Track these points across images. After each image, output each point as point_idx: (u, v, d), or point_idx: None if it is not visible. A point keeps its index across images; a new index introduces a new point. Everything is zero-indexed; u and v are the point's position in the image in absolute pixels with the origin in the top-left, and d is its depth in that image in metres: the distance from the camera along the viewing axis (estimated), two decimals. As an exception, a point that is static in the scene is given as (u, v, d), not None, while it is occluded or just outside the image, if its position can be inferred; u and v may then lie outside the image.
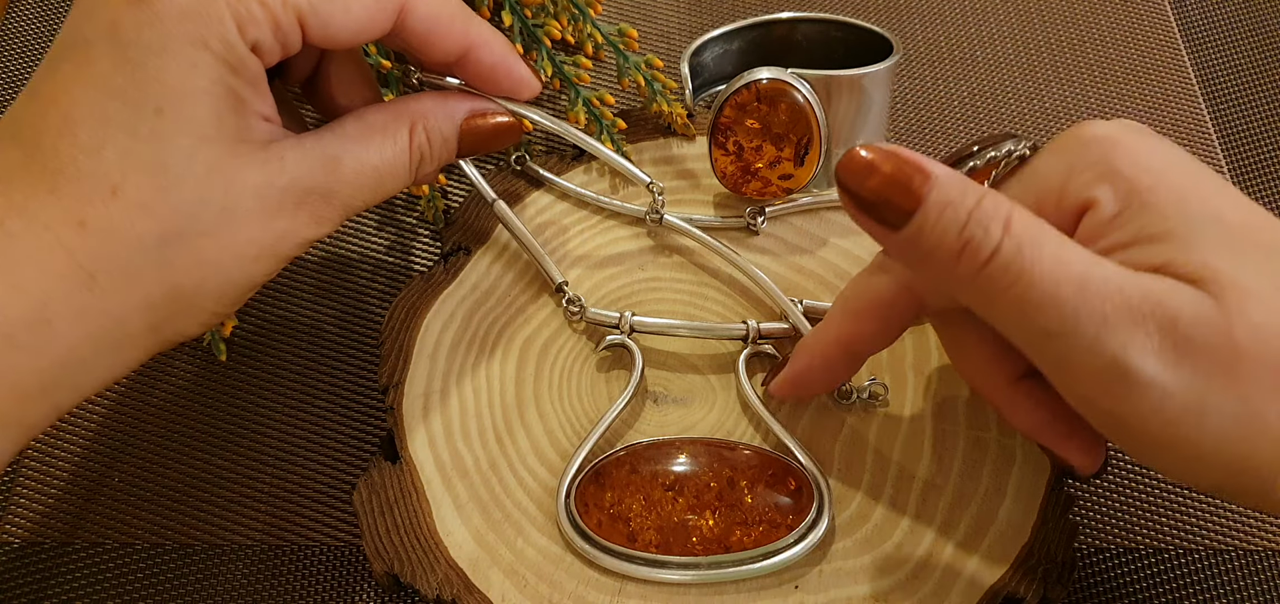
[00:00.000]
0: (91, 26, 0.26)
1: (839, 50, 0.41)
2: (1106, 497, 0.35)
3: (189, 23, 0.26)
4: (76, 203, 0.25)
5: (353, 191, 0.29)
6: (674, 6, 0.48)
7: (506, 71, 0.32)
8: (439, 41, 0.30)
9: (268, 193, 0.27)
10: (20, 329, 0.24)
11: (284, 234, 0.28)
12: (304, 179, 0.28)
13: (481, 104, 0.32)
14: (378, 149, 0.30)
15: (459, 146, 0.32)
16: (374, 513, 0.32)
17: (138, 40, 0.26)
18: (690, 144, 0.40)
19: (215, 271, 0.27)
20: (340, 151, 0.29)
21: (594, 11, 0.42)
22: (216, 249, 0.27)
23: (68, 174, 0.25)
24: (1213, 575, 0.34)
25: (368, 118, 0.30)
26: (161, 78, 0.26)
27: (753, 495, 0.31)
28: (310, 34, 0.28)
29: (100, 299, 0.25)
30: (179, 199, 0.26)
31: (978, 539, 0.32)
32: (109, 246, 0.25)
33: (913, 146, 0.43)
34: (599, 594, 0.31)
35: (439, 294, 0.36)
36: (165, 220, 0.26)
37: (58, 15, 0.47)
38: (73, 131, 0.25)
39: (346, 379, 0.37)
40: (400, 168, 0.30)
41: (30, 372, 0.25)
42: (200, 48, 0.26)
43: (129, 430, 0.36)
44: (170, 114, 0.26)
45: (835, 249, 0.38)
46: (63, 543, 0.34)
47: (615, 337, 0.35)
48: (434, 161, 0.32)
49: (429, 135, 0.31)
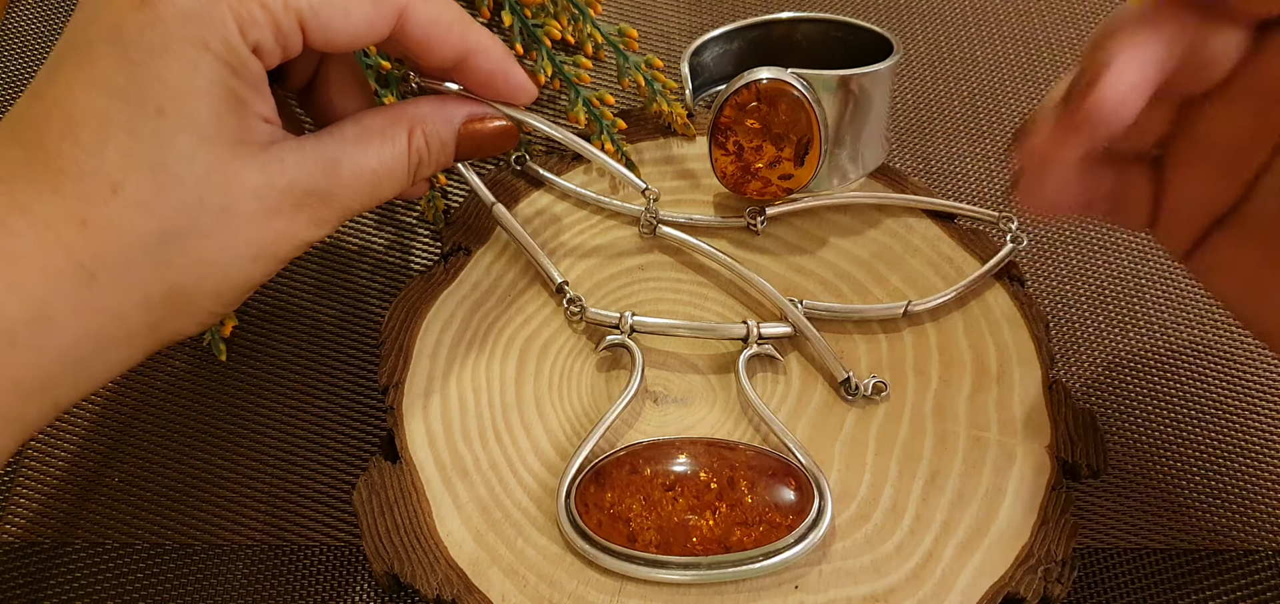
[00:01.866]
0: (95, 29, 0.26)
1: (839, 50, 0.41)
2: (1106, 497, 0.35)
3: (191, 24, 0.26)
4: (78, 202, 0.25)
5: (351, 194, 0.29)
6: (674, 6, 0.48)
7: (504, 77, 0.32)
8: (438, 46, 0.31)
9: (267, 194, 0.27)
10: (20, 327, 0.25)
11: (282, 235, 0.28)
12: (302, 181, 0.28)
13: (480, 108, 0.32)
14: (376, 152, 0.30)
15: (457, 150, 0.32)
16: (374, 513, 0.32)
17: (140, 41, 0.26)
18: (690, 144, 0.40)
19: (214, 271, 0.27)
20: (339, 154, 0.29)
21: (594, 11, 0.42)
22: (215, 248, 0.27)
23: (70, 173, 0.25)
24: (1213, 575, 0.34)
25: (366, 121, 0.30)
26: (163, 78, 0.26)
27: (753, 495, 0.31)
28: (311, 37, 0.28)
29: (100, 297, 0.26)
30: (178, 199, 0.26)
31: (978, 539, 0.32)
32: (109, 245, 0.25)
33: (912, 147, 0.44)
34: (599, 594, 0.31)
35: (439, 294, 0.36)
36: (165, 219, 0.26)
37: (57, 15, 0.47)
38: (75, 132, 0.25)
39: (346, 379, 0.37)
40: (398, 171, 0.30)
41: (31, 369, 0.25)
42: (201, 49, 0.26)
43: (129, 430, 0.36)
44: (171, 114, 0.26)
45: (835, 249, 0.38)
46: (62, 542, 0.34)
47: (615, 337, 0.35)
48: (432, 165, 0.32)
49: (427, 139, 0.31)
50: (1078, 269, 0.40)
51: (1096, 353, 0.38)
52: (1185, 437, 0.37)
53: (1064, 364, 0.38)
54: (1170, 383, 0.38)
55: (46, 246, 0.25)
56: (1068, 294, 0.40)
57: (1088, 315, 0.39)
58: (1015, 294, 0.37)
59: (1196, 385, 0.38)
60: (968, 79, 0.46)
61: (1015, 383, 0.35)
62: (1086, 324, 0.39)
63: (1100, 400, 0.37)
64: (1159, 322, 0.39)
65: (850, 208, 0.39)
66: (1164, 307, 0.40)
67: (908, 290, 0.37)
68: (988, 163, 0.43)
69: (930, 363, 0.35)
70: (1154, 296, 0.40)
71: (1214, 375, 0.38)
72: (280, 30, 0.27)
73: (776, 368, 0.35)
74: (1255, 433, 0.37)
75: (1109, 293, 0.40)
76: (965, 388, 0.35)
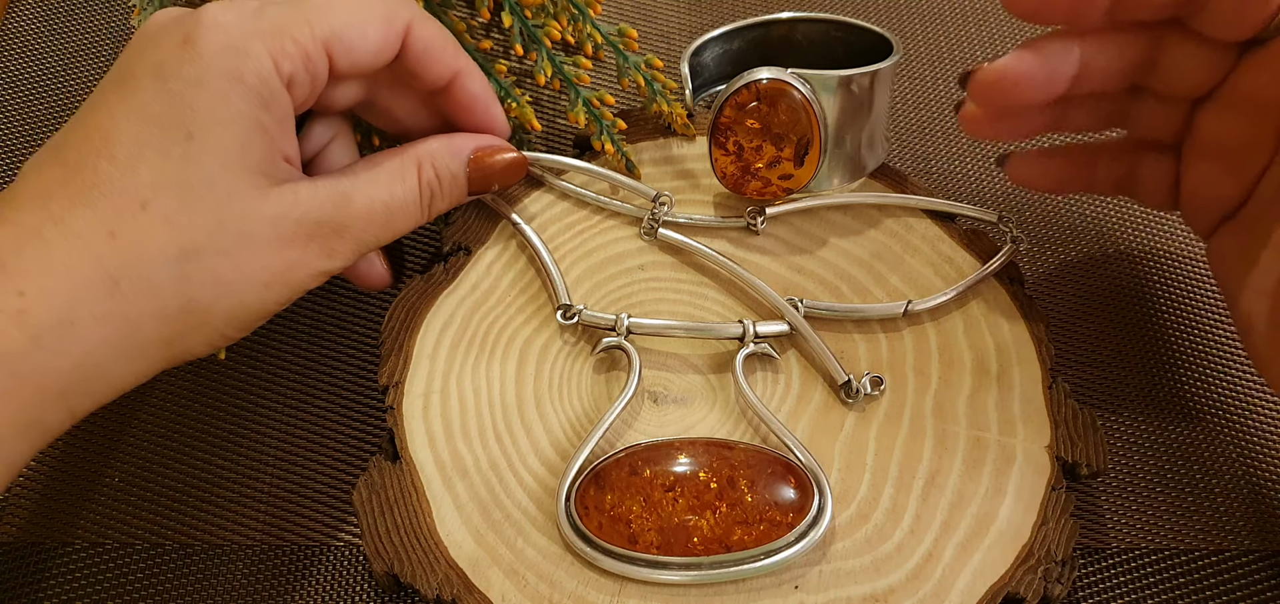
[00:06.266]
0: (140, 64, 0.29)
1: (839, 50, 0.41)
2: (1106, 497, 0.35)
3: (227, 58, 0.28)
4: (109, 215, 0.27)
5: (364, 226, 0.31)
6: (674, 6, 0.48)
7: (484, 105, 0.35)
8: (435, 63, 0.33)
9: (283, 223, 0.29)
10: (46, 332, 0.26)
11: (296, 264, 0.30)
12: (315, 212, 0.30)
13: (487, 142, 0.35)
14: (387, 187, 0.32)
15: (469, 184, 0.34)
16: (374, 513, 0.32)
17: (179, 74, 0.28)
18: (690, 144, 0.40)
19: (229, 291, 0.29)
20: (351, 189, 0.31)
21: (594, 12, 0.42)
22: (232, 269, 0.28)
23: (103, 189, 0.27)
24: (1213, 575, 0.34)
25: (378, 159, 0.33)
26: (196, 106, 0.28)
27: (753, 494, 0.31)
28: (336, 61, 0.30)
29: (121, 305, 0.27)
30: (200, 218, 0.28)
31: (978, 539, 0.32)
32: (135, 256, 0.27)
33: (912, 147, 0.44)
34: (599, 594, 0.31)
35: (439, 294, 0.36)
36: (186, 235, 0.28)
37: (57, 15, 0.47)
38: (112, 152, 0.27)
39: (346, 379, 0.37)
40: (410, 204, 0.32)
41: (52, 373, 0.26)
42: (235, 81, 0.28)
43: (129, 430, 0.36)
44: (200, 139, 0.28)
45: (835, 249, 0.38)
46: (62, 543, 0.34)
47: (612, 338, 0.35)
48: (445, 198, 0.34)
49: (438, 172, 0.33)
50: (1077, 269, 0.40)
51: (1096, 353, 0.38)
52: (1185, 437, 0.37)
53: (1064, 364, 0.38)
54: (1170, 383, 0.38)
55: (77, 255, 0.27)
56: (1068, 294, 0.40)
57: (1088, 315, 0.39)
58: (1015, 294, 0.37)
59: (1196, 385, 0.38)
60: (968, 79, 0.45)
61: (1015, 383, 0.35)
62: (1086, 324, 0.39)
63: (1100, 400, 0.37)
64: (1159, 322, 0.39)
65: (850, 208, 0.39)
66: (1164, 307, 0.40)
67: (908, 290, 0.37)
68: (988, 163, 0.43)
69: (930, 363, 0.35)
70: (1154, 297, 0.40)
71: (1214, 375, 0.38)
72: (310, 59, 0.30)
73: (774, 367, 0.35)
74: (1255, 433, 0.37)
75: (1108, 293, 0.40)
76: (965, 388, 0.35)
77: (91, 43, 0.46)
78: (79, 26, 0.47)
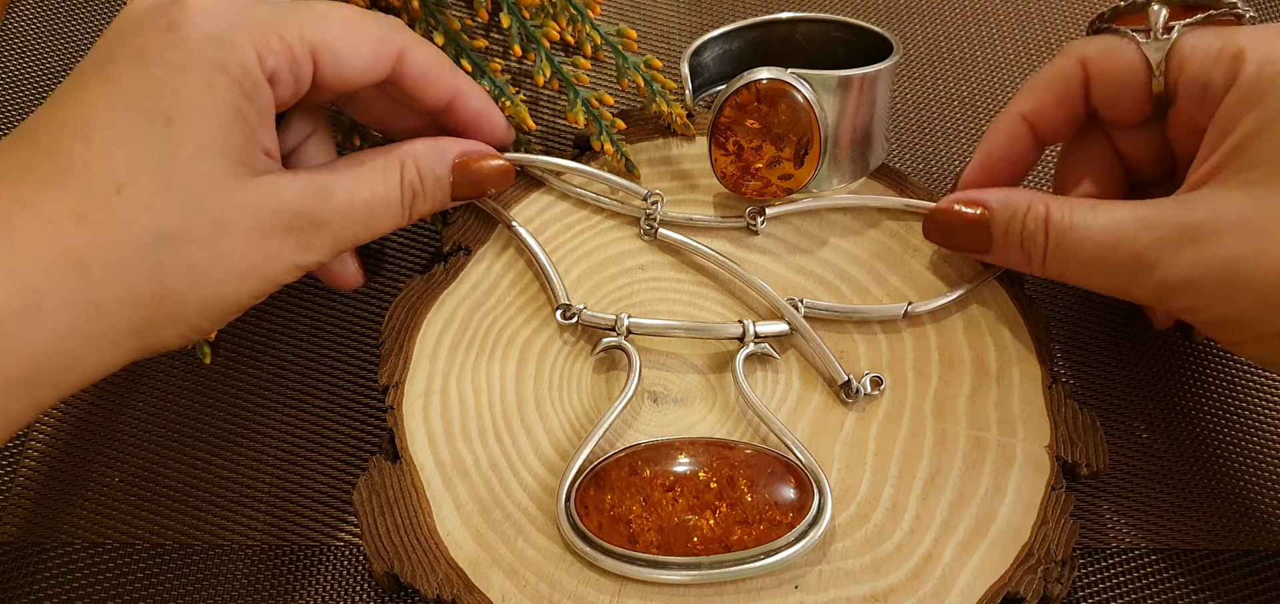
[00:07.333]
0: (121, 49, 0.28)
1: (839, 50, 0.41)
2: (1107, 497, 0.35)
3: (212, 47, 0.28)
4: (81, 198, 0.26)
5: (343, 222, 0.31)
6: (674, 6, 0.48)
7: (488, 118, 0.35)
8: (432, 86, 0.33)
9: (260, 213, 0.29)
10: (11, 317, 0.25)
11: (272, 255, 0.29)
12: (294, 203, 0.29)
13: (473, 146, 0.35)
14: (368, 184, 0.32)
15: (454, 189, 0.34)
16: (374, 513, 0.32)
17: (161, 59, 0.28)
18: (690, 144, 0.40)
19: (204, 280, 0.28)
20: (331, 184, 0.31)
21: (593, 12, 0.42)
22: (207, 258, 0.28)
23: (76, 171, 0.26)
24: (1213, 575, 0.34)
25: (361, 156, 0.32)
26: (177, 92, 0.27)
27: (753, 493, 0.31)
28: (323, 70, 0.30)
29: (91, 290, 0.26)
30: (177, 204, 0.27)
31: (977, 539, 0.32)
32: (106, 239, 0.26)
33: (913, 147, 0.44)
34: (599, 594, 0.31)
35: (439, 294, 0.36)
36: (162, 220, 0.27)
37: (57, 15, 0.47)
38: (88, 134, 0.27)
39: (346, 379, 0.37)
40: (392, 202, 0.32)
41: (17, 361, 0.26)
42: (219, 70, 0.28)
43: (129, 430, 0.36)
44: (180, 125, 0.27)
45: (835, 249, 0.38)
46: (62, 543, 0.34)
47: (612, 338, 0.35)
48: (428, 200, 0.34)
49: (421, 173, 0.33)
50: (1078, 269, 0.40)
51: (1096, 353, 0.38)
52: (1185, 437, 0.37)
53: (1064, 364, 0.38)
54: (1170, 383, 0.38)
55: (46, 239, 0.26)
56: (1068, 294, 0.40)
57: (1088, 315, 0.39)
58: (1015, 294, 0.37)
59: (1196, 385, 0.38)
60: (968, 79, 0.46)
61: (1015, 383, 0.35)
62: (1086, 324, 0.39)
63: (1100, 400, 0.37)
64: (1159, 321, 0.39)
65: (850, 208, 0.39)
66: (1164, 306, 0.40)
67: (908, 290, 0.37)
68: (988, 163, 0.43)
69: (930, 363, 0.35)
70: (1154, 296, 0.40)
71: (1214, 375, 0.38)
72: (295, 61, 0.29)
73: (774, 367, 0.35)
74: (1255, 433, 0.37)
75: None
76: (965, 388, 0.35)
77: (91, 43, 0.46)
78: (79, 26, 0.47)
